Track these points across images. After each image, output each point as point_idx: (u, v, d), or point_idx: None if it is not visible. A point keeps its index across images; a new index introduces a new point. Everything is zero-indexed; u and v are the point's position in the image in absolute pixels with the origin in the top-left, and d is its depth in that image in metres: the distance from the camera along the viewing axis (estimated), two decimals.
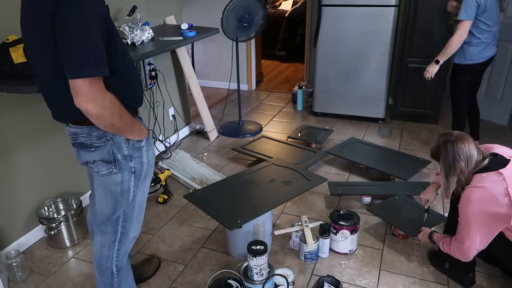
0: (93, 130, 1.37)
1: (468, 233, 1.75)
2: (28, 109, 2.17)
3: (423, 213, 2.24)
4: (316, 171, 3.00)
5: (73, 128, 1.40)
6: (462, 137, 1.75)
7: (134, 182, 1.48)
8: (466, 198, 1.71)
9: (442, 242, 1.92)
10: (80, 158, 1.48)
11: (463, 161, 1.71)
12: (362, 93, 3.86)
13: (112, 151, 1.40)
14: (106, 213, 1.51)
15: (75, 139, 1.43)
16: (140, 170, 1.48)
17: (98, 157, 1.41)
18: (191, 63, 3.60)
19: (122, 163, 1.42)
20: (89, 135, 1.38)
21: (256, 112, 4.36)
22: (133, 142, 1.43)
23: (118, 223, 1.53)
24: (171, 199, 2.73)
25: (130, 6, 2.71)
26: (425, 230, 2.09)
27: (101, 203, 1.52)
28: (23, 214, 2.25)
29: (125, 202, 1.50)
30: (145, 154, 1.48)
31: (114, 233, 1.55)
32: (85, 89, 1.18)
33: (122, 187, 1.46)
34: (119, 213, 1.51)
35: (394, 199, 2.47)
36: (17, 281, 2.03)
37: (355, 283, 1.99)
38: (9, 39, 1.84)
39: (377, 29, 3.59)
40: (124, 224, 1.54)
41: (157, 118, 3.29)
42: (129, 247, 1.62)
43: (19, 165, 2.18)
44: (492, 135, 3.59)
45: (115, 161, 1.41)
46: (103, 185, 1.48)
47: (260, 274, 1.82)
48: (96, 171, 1.45)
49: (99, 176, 1.45)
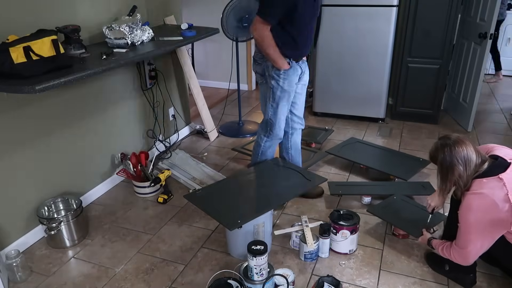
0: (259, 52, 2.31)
1: (468, 239, 1.74)
2: (28, 109, 2.17)
3: (423, 212, 2.24)
4: (316, 171, 3.00)
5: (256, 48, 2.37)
6: (460, 141, 1.72)
7: (271, 96, 2.33)
8: (467, 205, 1.70)
9: (441, 247, 1.92)
10: (253, 68, 2.46)
11: (461, 165, 1.69)
12: (362, 93, 3.86)
13: (264, 69, 2.32)
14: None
15: (254, 55, 2.42)
16: (276, 88, 2.30)
17: (259, 70, 2.39)
18: (191, 63, 3.60)
19: (267, 79, 2.31)
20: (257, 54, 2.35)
21: (256, 112, 4.36)
22: (275, 69, 2.25)
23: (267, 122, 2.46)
24: (171, 199, 2.73)
25: (130, 6, 2.72)
26: (425, 235, 2.09)
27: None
28: (23, 214, 2.25)
29: (269, 108, 2.37)
30: (281, 80, 2.28)
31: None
32: (256, 22, 2.14)
33: (265, 96, 2.38)
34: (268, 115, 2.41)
35: (393, 199, 2.47)
36: (17, 281, 2.03)
37: (355, 283, 1.99)
38: (9, 39, 1.83)
39: (377, 29, 3.59)
40: (272, 127, 2.43)
41: (157, 118, 3.29)
42: (276, 143, 2.53)
43: (19, 165, 2.18)
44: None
45: (265, 76, 2.33)
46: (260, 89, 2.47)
47: (260, 274, 1.82)
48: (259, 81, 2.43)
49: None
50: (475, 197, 1.68)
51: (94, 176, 2.74)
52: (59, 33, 2.13)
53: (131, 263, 2.15)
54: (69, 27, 2.22)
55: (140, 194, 2.77)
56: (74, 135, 2.50)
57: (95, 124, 2.66)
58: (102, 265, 2.13)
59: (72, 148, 2.50)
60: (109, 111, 2.77)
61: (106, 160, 2.82)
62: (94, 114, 2.64)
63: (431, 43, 3.59)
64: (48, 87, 1.76)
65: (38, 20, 2.15)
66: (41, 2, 2.17)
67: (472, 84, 3.59)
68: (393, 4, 3.47)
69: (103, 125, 2.74)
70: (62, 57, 1.96)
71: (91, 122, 2.62)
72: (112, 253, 2.23)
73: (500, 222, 1.65)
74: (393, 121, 4.00)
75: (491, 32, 3.26)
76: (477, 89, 3.49)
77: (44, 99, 2.25)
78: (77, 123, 2.51)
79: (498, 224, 1.67)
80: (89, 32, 2.52)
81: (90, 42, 2.53)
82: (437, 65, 3.66)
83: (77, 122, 2.51)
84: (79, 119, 2.52)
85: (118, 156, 2.90)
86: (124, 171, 2.76)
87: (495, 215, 1.64)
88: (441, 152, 1.75)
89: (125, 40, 2.44)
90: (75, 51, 2.24)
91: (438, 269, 2.03)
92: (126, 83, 2.90)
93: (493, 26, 3.24)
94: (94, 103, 2.63)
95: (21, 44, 1.81)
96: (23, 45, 1.81)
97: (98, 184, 2.77)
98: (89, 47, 2.39)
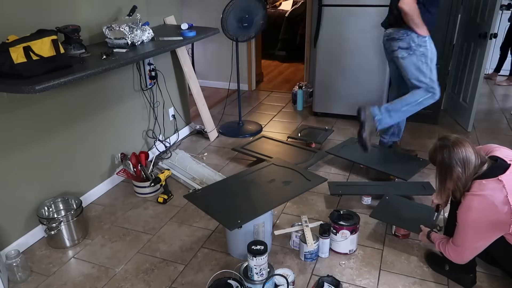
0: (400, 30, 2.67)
1: (465, 239, 1.75)
2: (28, 109, 2.17)
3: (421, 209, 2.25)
4: (316, 171, 3.00)
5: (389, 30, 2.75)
6: (459, 142, 1.72)
7: (425, 60, 2.67)
8: (467, 206, 1.70)
9: (438, 242, 1.92)
10: (390, 47, 2.76)
11: (460, 167, 1.68)
12: (362, 93, 3.86)
13: (410, 41, 2.64)
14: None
15: (389, 36, 2.75)
16: (427, 51, 2.65)
17: (403, 45, 2.67)
18: (191, 63, 3.60)
19: (416, 49, 2.64)
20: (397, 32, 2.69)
21: (256, 112, 4.36)
22: (421, 37, 2.61)
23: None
24: (171, 199, 2.73)
25: (130, 6, 2.72)
26: (424, 229, 2.09)
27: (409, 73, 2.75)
28: (23, 214, 2.25)
29: (427, 71, 2.71)
30: (429, 44, 2.65)
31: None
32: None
33: (416, 65, 2.68)
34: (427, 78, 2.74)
35: (386, 200, 2.44)
36: (17, 281, 2.03)
37: (355, 283, 1.99)
38: (9, 39, 1.83)
39: (377, 29, 3.58)
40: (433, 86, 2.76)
41: (157, 118, 3.29)
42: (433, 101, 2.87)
43: (19, 165, 2.18)
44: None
45: (411, 48, 2.65)
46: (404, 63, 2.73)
47: (260, 274, 1.82)
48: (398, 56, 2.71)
49: (398, 59, 2.73)
50: (475, 198, 1.67)
51: (94, 176, 2.74)
52: (59, 33, 2.14)
53: (131, 263, 2.15)
54: (69, 27, 2.22)
55: (140, 194, 2.77)
56: (74, 135, 2.50)
57: (95, 124, 2.66)
58: (102, 265, 2.13)
59: (72, 148, 2.50)
60: (109, 111, 2.77)
61: (106, 160, 2.82)
62: (94, 114, 2.64)
63: None
64: (48, 87, 1.76)
65: (38, 20, 2.15)
66: (41, 2, 2.17)
67: (472, 84, 3.59)
68: None
69: (103, 125, 2.74)
70: (62, 57, 1.96)
71: (91, 122, 2.62)
72: (112, 253, 2.23)
73: (499, 224, 1.66)
74: None
75: (491, 32, 3.26)
76: (477, 89, 3.49)
77: (44, 99, 2.25)
78: (77, 123, 2.51)
79: (497, 226, 1.67)
80: (89, 32, 2.52)
81: (90, 42, 2.53)
82: (437, 65, 3.64)
83: (77, 122, 2.51)
84: (79, 119, 2.52)
85: (118, 156, 2.90)
86: (124, 171, 2.76)
87: (494, 217, 1.64)
88: (439, 153, 1.74)
89: (125, 40, 2.44)
90: (75, 51, 2.24)
91: (438, 269, 2.04)
92: (126, 83, 2.90)
93: (493, 26, 3.24)
94: (94, 103, 2.63)
95: (21, 44, 1.81)
96: (23, 45, 1.81)
97: (98, 184, 2.77)
98: (89, 47, 2.39)
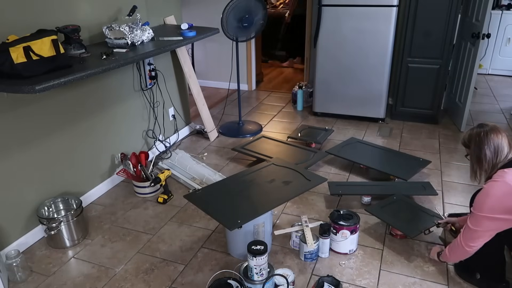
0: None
1: (480, 219, 1.74)
2: (28, 109, 2.17)
3: (422, 213, 2.25)
4: (316, 171, 3.00)
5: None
6: (496, 129, 1.79)
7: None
8: (486, 191, 1.73)
9: (448, 248, 1.92)
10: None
11: (492, 152, 1.75)
12: (362, 93, 3.86)
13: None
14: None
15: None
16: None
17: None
18: (191, 63, 3.60)
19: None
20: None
21: (256, 112, 4.36)
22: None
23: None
24: (171, 199, 2.73)
25: (130, 6, 2.72)
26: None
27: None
28: (23, 214, 2.25)
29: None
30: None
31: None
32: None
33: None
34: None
35: (393, 199, 2.46)
36: (17, 281, 2.03)
37: (355, 283, 1.99)
38: (9, 39, 1.83)
39: (377, 29, 3.59)
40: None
41: (157, 118, 3.29)
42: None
43: (19, 165, 2.18)
44: None
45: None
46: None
47: (260, 274, 1.82)
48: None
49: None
50: (494, 183, 1.71)
51: (94, 176, 2.74)
52: (59, 33, 2.14)
53: (131, 263, 2.15)
54: (69, 27, 2.22)
55: (140, 194, 2.77)
56: (74, 135, 2.50)
57: (95, 124, 2.66)
58: (102, 265, 2.14)
59: (72, 148, 2.50)
60: (109, 111, 2.77)
61: (106, 160, 2.82)
62: (94, 114, 2.64)
63: (431, 43, 3.59)
64: (48, 87, 1.76)
65: (38, 20, 2.15)
66: (41, 2, 2.17)
67: (466, 84, 3.59)
68: (393, 4, 3.47)
69: (103, 125, 2.74)
70: (62, 57, 1.96)
71: (91, 122, 2.62)
72: (112, 253, 2.23)
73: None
74: (393, 121, 4.00)
75: (484, 32, 3.26)
76: (470, 89, 3.50)
77: (44, 99, 2.25)
78: (77, 123, 2.51)
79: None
80: (89, 32, 2.52)
81: (90, 42, 2.53)
82: (437, 65, 3.66)
83: (77, 122, 2.51)
84: (79, 119, 2.52)
85: (118, 156, 2.90)
86: (124, 171, 2.76)
87: (510, 203, 1.66)
88: (476, 136, 1.81)
89: (125, 40, 2.44)
90: (75, 51, 2.24)
91: (468, 278, 1.97)
92: (126, 83, 2.90)
93: (486, 26, 3.24)
94: (94, 103, 2.63)
95: (21, 44, 1.81)
96: (23, 45, 1.81)
97: (98, 184, 2.77)
98: (89, 47, 2.39)
